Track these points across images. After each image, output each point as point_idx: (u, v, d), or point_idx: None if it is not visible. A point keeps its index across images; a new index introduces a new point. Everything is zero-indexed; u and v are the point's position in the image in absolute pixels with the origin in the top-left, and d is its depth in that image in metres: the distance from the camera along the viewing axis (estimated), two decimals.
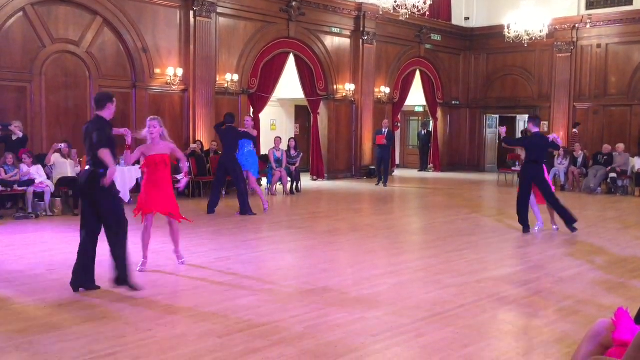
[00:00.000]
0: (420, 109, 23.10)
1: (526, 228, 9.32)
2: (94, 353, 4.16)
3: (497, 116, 22.60)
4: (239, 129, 11.06)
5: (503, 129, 9.82)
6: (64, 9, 12.31)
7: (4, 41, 11.56)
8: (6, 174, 10.19)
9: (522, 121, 22.29)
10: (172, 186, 6.91)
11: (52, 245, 7.96)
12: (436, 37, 20.92)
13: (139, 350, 4.24)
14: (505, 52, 20.90)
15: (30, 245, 7.87)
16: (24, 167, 10.40)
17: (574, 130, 18.24)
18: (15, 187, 10.19)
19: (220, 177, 11.28)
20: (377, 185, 16.40)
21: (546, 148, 9.61)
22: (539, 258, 7.56)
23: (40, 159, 11.01)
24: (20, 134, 10.99)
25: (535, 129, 9.31)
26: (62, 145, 10.85)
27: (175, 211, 6.78)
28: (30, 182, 10.24)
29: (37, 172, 10.47)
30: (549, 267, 7.06)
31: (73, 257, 7.11)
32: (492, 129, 22.58)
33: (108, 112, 5.94)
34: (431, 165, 21.90)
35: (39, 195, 10.37)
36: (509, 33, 16.95)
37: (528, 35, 16.93)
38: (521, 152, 9.59)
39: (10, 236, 8.48)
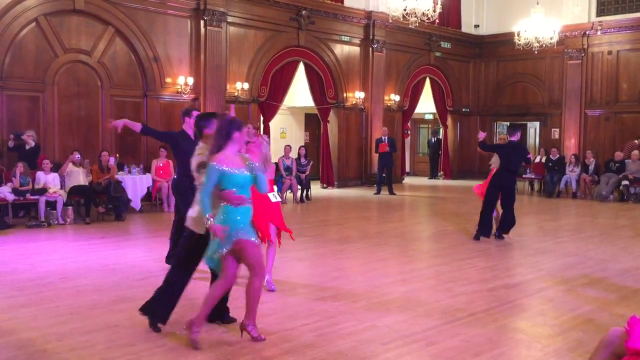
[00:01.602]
0: (430, 117, 23.08)
1: (486, 233, 9.16)
2: None
3: (508, 123, 22.50)
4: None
5: (482, 134, 9.71)
6: (76, 19, 12.45)
7: (17, 51, 11.70)
8: (21, 185, 10.28)
9: (532, 128, 22.21)
10: None
11: (64, 253, 8.01)
12: (446, 45, 20.92)
13: (150, 358, 4.25)
14: (516, 59, 20.85)
15: (42, 254, 7.92)
16: (41, 175, 10.48)
17: (635, 141, 17.52)
18: (28, 195, 10.28)
19: None
20: (375, 194, 16.03)
21: (523, 158, 9.53)
22: (551, 266, 7.51)
23: (54, 168, 11.11)
24: (33, 143, 11.10)
25: (514, 138, 9.20)
26: (78, 156, 10.96)
27: None
28: (43, 191, 10.32)
29: (53, 181, 10.55)
30: (560, 275, 7.01)
31: (85, 265, 7.19)
32: (502, 135, 22.47)
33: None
34: (441, 172, 21.85)
35: (51, 204, 10.45)
36: (519, 40, 16.91)
37: (538, 42, 16.89)
38: (494, 161, 9.47)
39: (22, 244, 8.55)
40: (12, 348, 4.43)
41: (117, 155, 12.34)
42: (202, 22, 14.16)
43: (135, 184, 11.92)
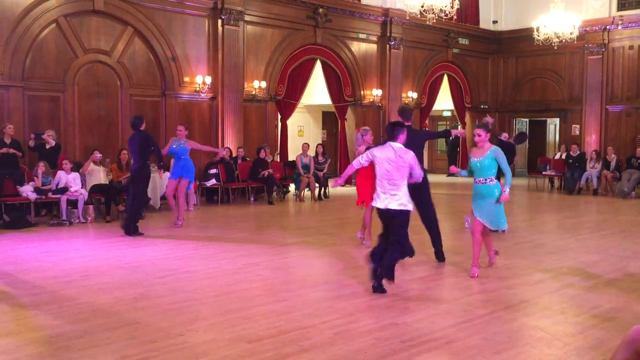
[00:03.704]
0: (448, 114, 22.94)
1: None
2: (127, 358, 4.23)
3: (527, 120, 22.32)
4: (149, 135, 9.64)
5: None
6: (95, 20, 12.58)
7: (38, 52, 11.86)
8: (43, 184, 10.42)
9: (552, 125, 21.98)
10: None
11: (85, 252, 8.11)
12: (464, 41, 20.78)
13: (170, 355, 4.29)
14: (535, 54, 20.64)
15: (64, 252, 8.03)
16: (62, 175, 10.62)
17: None
18: (50, 194, 10.41)
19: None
20: None
21: (509, 156, 9.25)
22: (571, 264, 7.43)
23: (75, 167, 11.24)
24: (53, 143, 11.24)
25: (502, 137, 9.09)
26: (99, 155, 11.08)
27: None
28: (64, 189, 10.45)
29: (74, 180, 10.68)
30: (581, 273, 6.93)
31: (106, 263, 7.28)
32: None
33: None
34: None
35: (73, 203, 10.58)
36: (538, 36, 16.73)
37: (558, 37, 16.70)
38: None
39: (44, 243, 8.66)
40: (36, 345, 4.50)
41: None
42: (219, 21, 14.23)
43: (155, 182, 12.00)
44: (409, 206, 6.00)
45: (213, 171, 13.42)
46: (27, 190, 10.25)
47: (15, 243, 8.63)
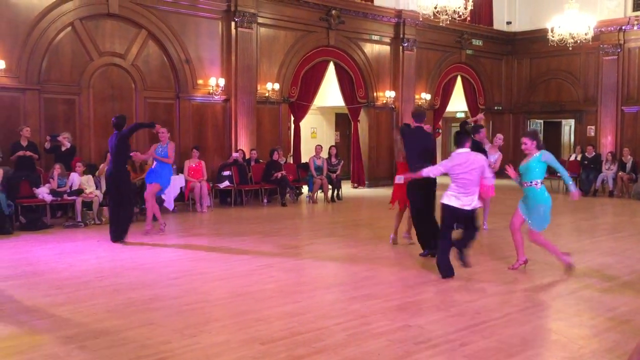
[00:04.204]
0: (462, 115, 22.83)
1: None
2: (141, 358, 4.26)
3: (542, 121, 22.16)
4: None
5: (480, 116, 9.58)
6: (110, 23, 12.68)
7: (54, 55, 11.98)
8: (58, 186, 10.53)
9: (567, 126, 21.81)
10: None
11: (100, 253, 8.17)
12: (477, 42, 20.69)
13: (184, 356, 4.31)
14: (549, 55, 20.49)
15: (79, 253, 8.10)
16: (74, 177, 10.72)
17: None
18: (65, 196, 10.51)
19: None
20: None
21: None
22: (586, 266, 7.37)
23: (90, 169, 11.34)
24: (69, 145, 11.35)
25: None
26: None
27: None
28: (80, 191, 10.55)
29: (87, 182, 10.77)
30: (596, 276, 6.87)
31: (120, 265, 7.33)
32: None
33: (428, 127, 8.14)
34: None
35: (88, 205, 10.67)
36: (553, 36, 16.61)
37: (572, 38, 16.56)
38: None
39: (60, 244, 8.74)
40: (52, 345, 4.54)
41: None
42: (233, 23, 14.28)
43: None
44: (479, 204, 6.81)
45: (226, 173, 13.47)
46: (43, 192, 10.36)
47: (31, 244, 8.73)
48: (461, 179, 6.61)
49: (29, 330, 4.89)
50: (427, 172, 6.92)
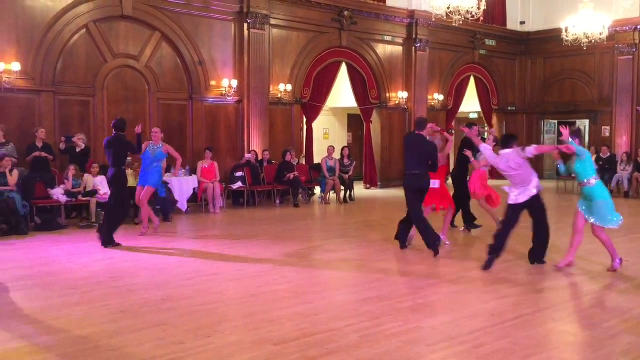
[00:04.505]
0: (475, 116, 22.73)
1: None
2: (155, 358, 4.28)
3: (556, 121, 21.98)
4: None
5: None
6: (124, 25, 12.77)
7: (69, 57, 12.08)
8: (73, 187, 10.61)
9: (582, 126, 21.61)
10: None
11: (115, 253, 8.22)
12: (491, 43, 20.58)
13: (198, 357, 4.33)
14: (563, 55, 20.33)
15: (93, 254, 8.15)
16: (89, 178, 10.80)
17: None
18: (80, 197, 10.60)
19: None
20: None
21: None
22: (602, 268, 7.29)
23: (104, 170, 11.40)
24: (83, 146, 11.44)
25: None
26: (129, 158, 11.22)
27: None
28: (94, 192, 10.63)
29: (100, 183, 10.85)
30: (612, 277, 6.81)
31: (134, 265, 7.38)
32: (550, 135, 21.99)
33: (426, 132, 8.21)
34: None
35: (102, 205, 10.74)
36: (567, 36, 16.49)
37: (587, 38, 16.42)
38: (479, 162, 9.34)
39: (75, 245, 8.81)
40: (67, 345, 4.58)
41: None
42: (245, 25, 14.32)
43: (182, 185, 12.15)
44: (535, 190, 7.11)
45: (239, 174, 13.51)
46: (58, 193, 10.45)
47: (46, 245, 8.81)
48: (510, 177, 7.12)
49: (44, 330, 4.93)
50: (484, 148, 7.46)
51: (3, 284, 6.35)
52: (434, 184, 8.37)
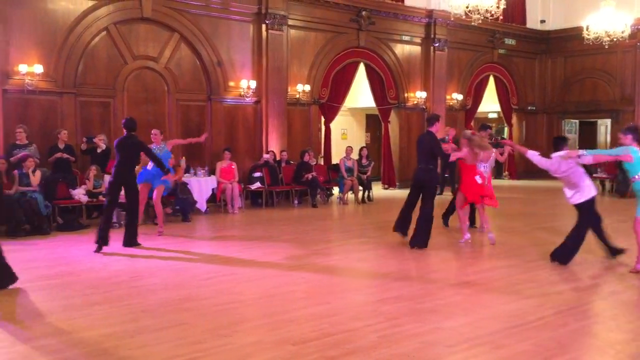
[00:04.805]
0: (494, 115, 22.56)
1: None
2: (176, 358, 4.31)
3: (577, 121, 21.75)
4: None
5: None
6: (144, 27, 12.88)
7: (90, 59, 12.22)
8: (94, 187, 10.73)
9: (603, 126, 21.36)
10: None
11: (135, 252, 8.29)
12: (510, 42, 20.42)
13: (217, 356, 4.35)
14: (585, 54, 20.10)
15: (114, 254, 8.22)
16: (109, 179, 10.89)
17: None
18: (100, 197, 10.71)
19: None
20: (438, 194, 14.51)
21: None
22: (624, 269, 7.19)
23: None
24: (104, 147, 11.56)
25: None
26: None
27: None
28: None
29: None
30: (634, 278, 6.71)
31: (154, 265, 7.44)
32: (571, 135, 21.75)
33: (435, 128, 8.68)
34: (506, 173, 21.32)
35: (122, 205, 10.82)
36: (588, 35, 16.30)
37: (609, 36, 16.22)
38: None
39: (96, 244, 8.89)
40: (88, 343, 4.63)
41: (184, 157, 12.68)
42: (263, 25, 14.37)
43: (201, 185, 12.22)
44: (589, 195, 7.29)
45: (257, 174, 13.56)
46: (79, 194, 10.57)
47: (68, 244, 8.92)
48: (561, 179, 7.40)
49: (66, 329, 4.99)
50: (531, 155, 7.77)
51: (26, 283, 6.43)
52: (478, 178, 8.89)
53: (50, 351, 4.47)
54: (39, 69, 11.33)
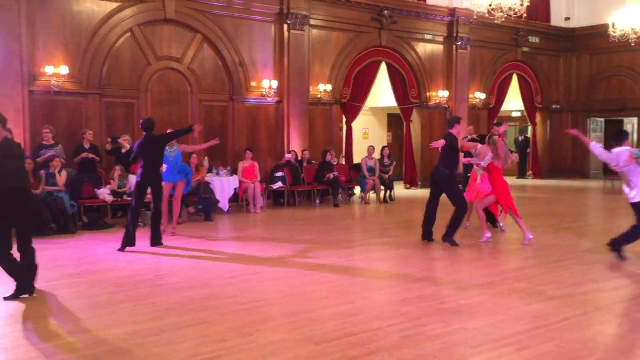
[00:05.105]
0: (518, 114, 22.34)
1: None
2: (199, 355, 4.35)
3: (603, 119, 21.43)
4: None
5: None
6: (167, 28, 13.01)
7: (114, 61, 12.38)
8: (118, 187, 10.87)
9: (630, 124, 21.01)
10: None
11: (158, 251, 8.38)
12: (534, 39, 20.19)
13: (240, 354, 4.38)
14: (610, 51, 19.80)
15: (138, 252, 8.32)
16: (133, 179, 11.04)
17: None
18: (125, 197, 10.84)
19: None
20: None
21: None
22: None
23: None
24: (128, 147, 11.68)
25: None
26: None
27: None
28: None
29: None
30: None
31: (177, 263, 7.51)
32: (596, 133, 21.44)
33: (456, 130, 8.73)
34: (530, 172, 21.10)
35: (146, 205, 10.95)
36: (614, 32, 16.05)
37: (635, 33, 15.95)
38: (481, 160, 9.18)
39: (120, 243, 9.00)
40: (113, 341, 4.69)
41: (206, 157, 12.77)
42: (285, 25, 14.41)
43: (223, 185, 12.30)
44: None
45: (279, 174, 13.60)
46: (104, 193, 10.71)
47: (93, 243, 9.05)
48: (621, 175, 7.41)
49: (91, 326, 5.06)
50: (593, 147, 7.66)
51: (52, 281, 6.54)
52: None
53: (76, 348, 4.54)
54: (64, 70, 11.51)
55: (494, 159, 8.72)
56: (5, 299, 5.78)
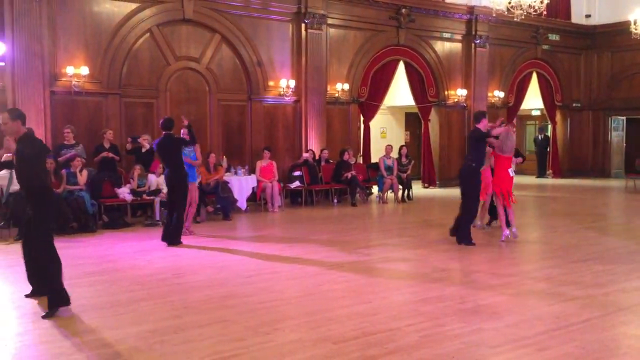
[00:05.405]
0: (537, 113, 22.12)
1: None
2: (217, 354, 4.37)
3: (624, 118, 21.13)
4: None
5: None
6: (185, 28, 13.10)
7: (134, 61, 12.48)
8: (138, 186, 10.97)
9: None
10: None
11: (178, 251, 8.44)
12: (554, 37, 19.97)
13: (258, 353, 4.40)
14: (633, 49, 19.51)
15: (158, 251, 8.39)
16: (152, 178, 11.14)
17: None
18: (144, 196, 10.94)
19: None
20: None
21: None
22: None
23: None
24: (148, 146, 11.79)
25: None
26: None
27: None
28: (157, 191, 10.94)
29: (163, 183, 11.15)
30: None
31: (197, 262, 7.56)
32: (617, 132, 21.16)
33: (483, 125, 8.47)
34: (550, 171, 20.88)
35: (166, 204, 11.03)
36: (636, 29, 15.82)
37: None
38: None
39: (140, 242, 9.10)
40: (133, 339, 4.74)
41: (225, 157, 12.84)
42: (303, 25, 14.42)
43: (241, 184, 12.36)
44: None
45: (297, 173, 13.62)
46: (124, 192, 10.82)
47: (113, 242, 9.14)
48: None
49: (112, 324, 5.12)
50: None
51: (73, 280, 6.61)
52: (512, 172, 9.01)
53: (96, 346, 4.59)
54: (85, 70, 11.64)
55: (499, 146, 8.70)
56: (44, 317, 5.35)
